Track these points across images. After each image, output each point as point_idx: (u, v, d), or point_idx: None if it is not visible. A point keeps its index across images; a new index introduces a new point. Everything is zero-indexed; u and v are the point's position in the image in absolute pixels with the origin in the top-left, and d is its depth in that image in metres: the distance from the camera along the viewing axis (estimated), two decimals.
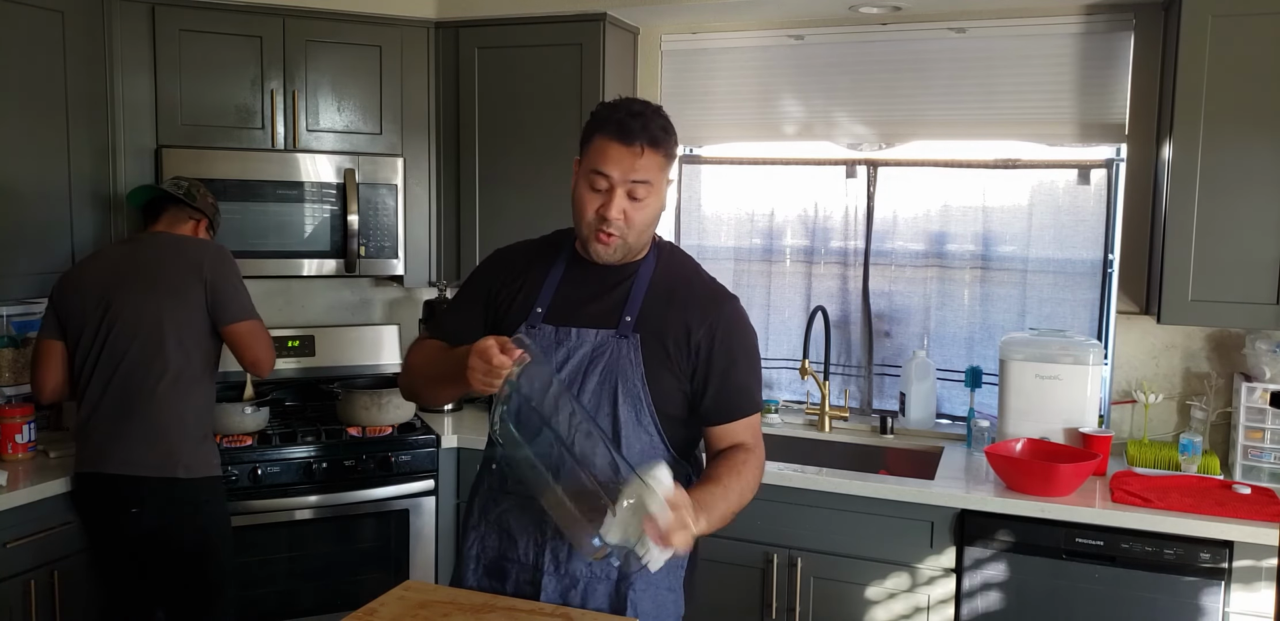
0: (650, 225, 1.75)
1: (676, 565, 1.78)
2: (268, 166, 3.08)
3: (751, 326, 1.83)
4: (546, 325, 1.77)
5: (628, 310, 1.74)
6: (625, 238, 1.72)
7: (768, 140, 3.38)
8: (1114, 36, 2.93)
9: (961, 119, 3.12)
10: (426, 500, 3.04)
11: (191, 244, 2.62)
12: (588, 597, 1.74)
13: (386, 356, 3.53)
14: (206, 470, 2.54)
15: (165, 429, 2.47)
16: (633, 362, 1.71)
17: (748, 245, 3.45)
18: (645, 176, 1.68)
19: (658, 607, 1.75)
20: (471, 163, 3.31)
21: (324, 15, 3.13)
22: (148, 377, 2.48)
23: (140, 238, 2.64)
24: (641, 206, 1.70)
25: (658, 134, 1.69)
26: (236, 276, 2.59)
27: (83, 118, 2.84)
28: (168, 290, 2.51)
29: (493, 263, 1.93)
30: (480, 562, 1.83)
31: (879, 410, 3.31)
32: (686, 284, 1.80)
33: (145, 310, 2.49)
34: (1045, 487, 2.49)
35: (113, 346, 2.48)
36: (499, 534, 1.81)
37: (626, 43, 3.35)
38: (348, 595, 2.86)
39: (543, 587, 1.74)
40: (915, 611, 2.59)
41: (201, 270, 2.53)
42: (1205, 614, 2.34)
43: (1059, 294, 3.09)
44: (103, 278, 2.54)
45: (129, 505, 2.46)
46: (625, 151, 1.67)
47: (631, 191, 1.68)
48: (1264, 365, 2.66)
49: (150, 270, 2.54)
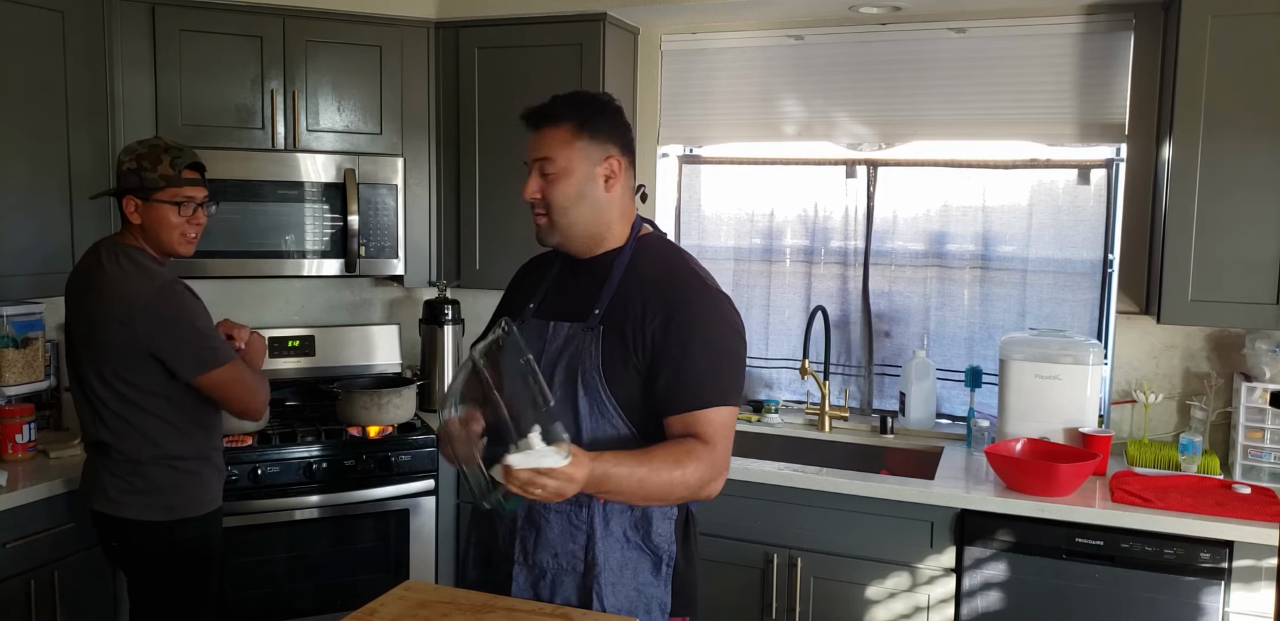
0: (575, 203, 1.76)
1: (657, 560, 1.77)
2: (268, 166, 3.08)
3: (725, 320, 1.75)
4: (535, 320, 1.83)
5: (599, 303, 1.77)
6: (551, 216, 1.77)
7: (768, 140, 3.38)
8: (1114, 36, 2.93)
9: (961, 119, 3.12)
10: (426, 500, 3.04)
11: (120, 294, 2.23)
12: (555, 589, 1.76)
13: (387, 356, 3.53)
14: (193, 509, 2.37)
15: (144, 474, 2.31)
16: (591, 355, 1.73)
17: (748, 245, 3.45)
18: (544, 153, 1.75)
19: (632, 601, 1.75)
20: (471, 163, 3.31)
21: (324, 15, 3.13)
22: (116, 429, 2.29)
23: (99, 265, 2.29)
24: (550, 182, 1.75)
25: (558, 111, 1.75)
26: (178, 328, 2.23)
27: (83, 117, 2.84)
28: (101, 351, 2.25)
29: (518, 273, 2.04)
30: (478, 552, 1.89)
31: (879, 410, 3.31)
32: (656, 272, 1.78)
33: (89, 365, 2.28)
34: (1045, 487, 2.49)
35: (81, 390, 2.32)
36: (487, 524, 1.86)
37: (626, 43, 3.35)
38: (348, 595, 2.86)
39: (514, 577, 1.77)
40: (915, 611, 2.59)
41: (134, 334, 2.21)
42: (1205, 614, 2.34)
43: (1059, 294, 3.09)
44: (71, 304, 2.34)
45: (107, 539, 2.38)
46: (531, 134, 1.77)
47: (540, 170, 1.75)
48: (1264, 365, 2.66)
49: (85, 322, 2.28)
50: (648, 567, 1.77)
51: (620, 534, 1.75)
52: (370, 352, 3.51)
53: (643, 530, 1.77)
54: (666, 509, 1.78)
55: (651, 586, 1.77)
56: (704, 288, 1.78)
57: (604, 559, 1.74)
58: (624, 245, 1.82)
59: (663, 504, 1.73)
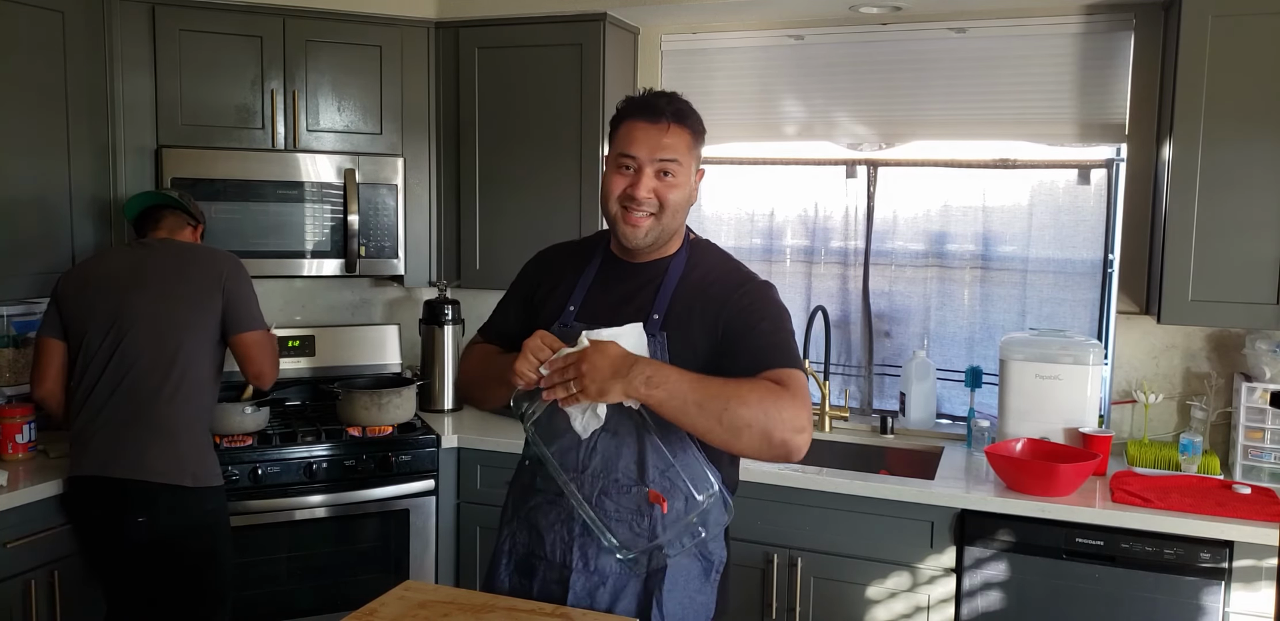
0: (682, 208, 1.74)
1: (708, 567, 1.77)
2: (268, 166, 3.08)
3: (781, 304, 1.75)
4: (578, 323, 1.75)
5: (656, 308, 1.72)
6: (659, 218, 1.71)
7: (768, 140, 3.37)
8: (1114, 36, 2.93)
9: (961, 119, 3.12)
10: (426, 500, 3.04)
11: (207, 252, 2.63)
12: (617, 596, 1.72)
13: (387, 356, 3.53)
14: (212, 479, 2.53)
15: (175, 436, 2.47)
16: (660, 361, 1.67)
17: (748, 245, 3.45)
18: (673, 155, 1.68)
19: (684, 608, 1.73)
20: (471, 163, 3.31)
21: (324, 15, 3.13)
22: (162, 385, 2.47)
23: (150, 243, 2.61)
24: (672, 185, 1.70)
25: (683, 108, 1.71)
26: (251, 287, 2.60)
27: (83, 118, 2.84)
28: (186, 299, 2.52)
29: (534, 263, 1.95)
30: (512, 558, 1.83)
31: (879, 410, 3.31)
32: (717, 278, 1.77)
33: (162, 317, 2.49)
34: (1045, 487, 2.49)
35: (125, 351, 2.46)
36: (529, 530, 1.80)
37: (626, 43, 3.35)
38: (348, 595, 2.86)
39: (570, 586, 1.72)
40: (915, 611, 2.59)
41: (221, 279, 2.54)
42: (1205, 614, 2.34)
43: (1059, 294, 3.09)
44: (115, 281, 2.52)
45: (135, 512, 2.43)
46: (651, 128, 1.68)
47: (661, 169, 1.68)
48: (1264, 365, 2.66)
49: (168, 277, 2.53)
50: (698, 574, 1.75)
51: None
52: (370, 352, 3.51)
53: None
54: (720, 516, 1.71)
55: (700, 593, 1.76)
56: (761, 280, 1.78)
57: (663, 565, 1.71)
58: (679, 250, 1.81)
59: (728, 429, 1.54)
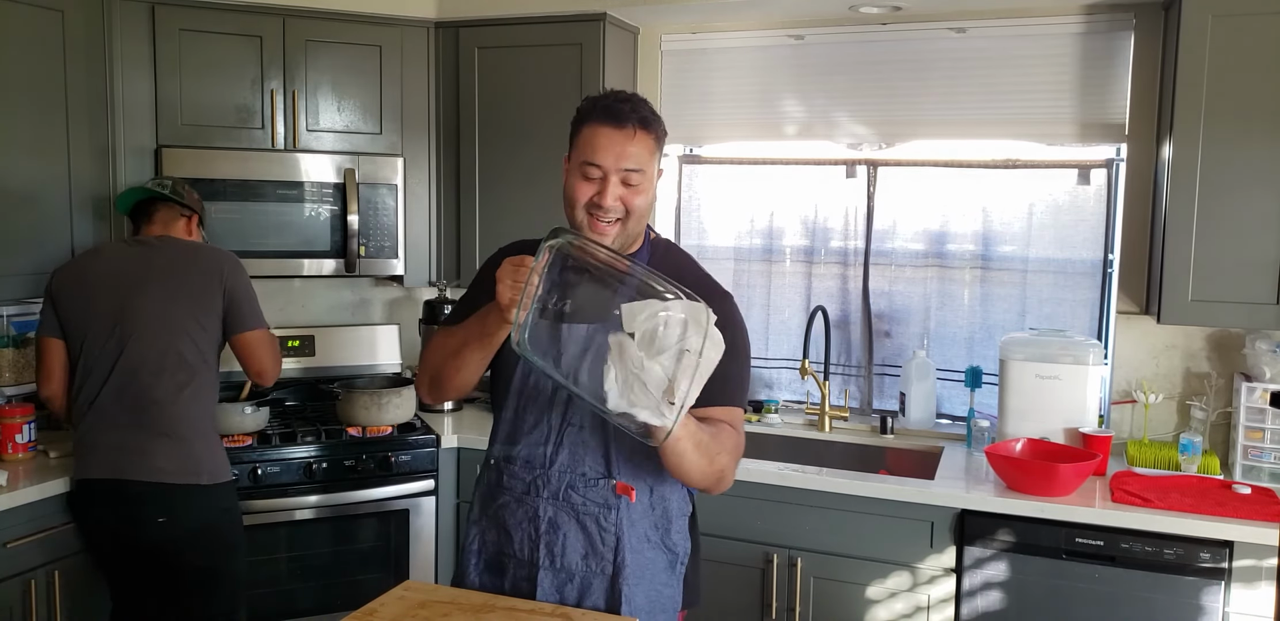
0: (647, 211, 1.76)
1: (673, 559, 1.80)
2: (268, 166, 3.08)
3: (742, 324, 1.81)
4: (543, 321, 1.77)
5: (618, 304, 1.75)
6: (625, 223, 1.72)
7: (768, 140, 3.38)
8: (1114, 36, 2.93)
9: (961, 119, 3.12)
10: (426, 500, 3.04)
11: (207, 251, 2.62)
12: (584, 592, 1.74)
13: (387, 356, 3.53)
14: (225, 475, 2.54)
15: (186, 437, 2.46)
16: None
17: (748, 245, 3.45)
18: (638, 164, 1.69)
19: (651, 601, 1.76)
20: (471, 162, 3.31)
21: (324, 15, 3.13)
22: (169, 387, 2.46)
23: (147, 241, 2.59)
24: (638, 191, 1.71)
25: (648, 116, 1.71)
26: (250, 285, 2.60)
27: (83, 118, 2.84)
28: (189, 300, 2.51)
29: (497, 261, 1.93)
30: (481, 557, 1.85)
31: (879, 410, 3.31)
32: (674, 276, 1.78)
33: (165, 319, 2.48)
34: (1045, 487, 2.49)
35: (130, 355, 2.45)
36: (497, 529, 1.82)
37: (626, 43, 3.35)
38: (348, 595, 2.86)
39: (538, 583, 1.75)
40: (915, 611, 2.59)
41: (222, 279, 2.54)
42: (1205, 614, 2.34)
43: (1059, 294, 3.09)
44: (115, 281, 2.50)
45: (153, 513, 2.42)
46: (617, 134, 1.68)
47: (625, 178, 1.69)
48: (1264, 365, 2.66)
49: (169, 278, 2.52)
50: (663, 566, 1.78)
51: (643, 534, 1.76)
52: (370, 352, 3.51)
53: (663, 529, 1.78)
54: (683, 506, 1.79)
55: (666, 585, 1.79)
56: (722, 292, 1.79)
57: (630, 560, 1.73)
58: (640, 248, 1.82)
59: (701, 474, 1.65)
